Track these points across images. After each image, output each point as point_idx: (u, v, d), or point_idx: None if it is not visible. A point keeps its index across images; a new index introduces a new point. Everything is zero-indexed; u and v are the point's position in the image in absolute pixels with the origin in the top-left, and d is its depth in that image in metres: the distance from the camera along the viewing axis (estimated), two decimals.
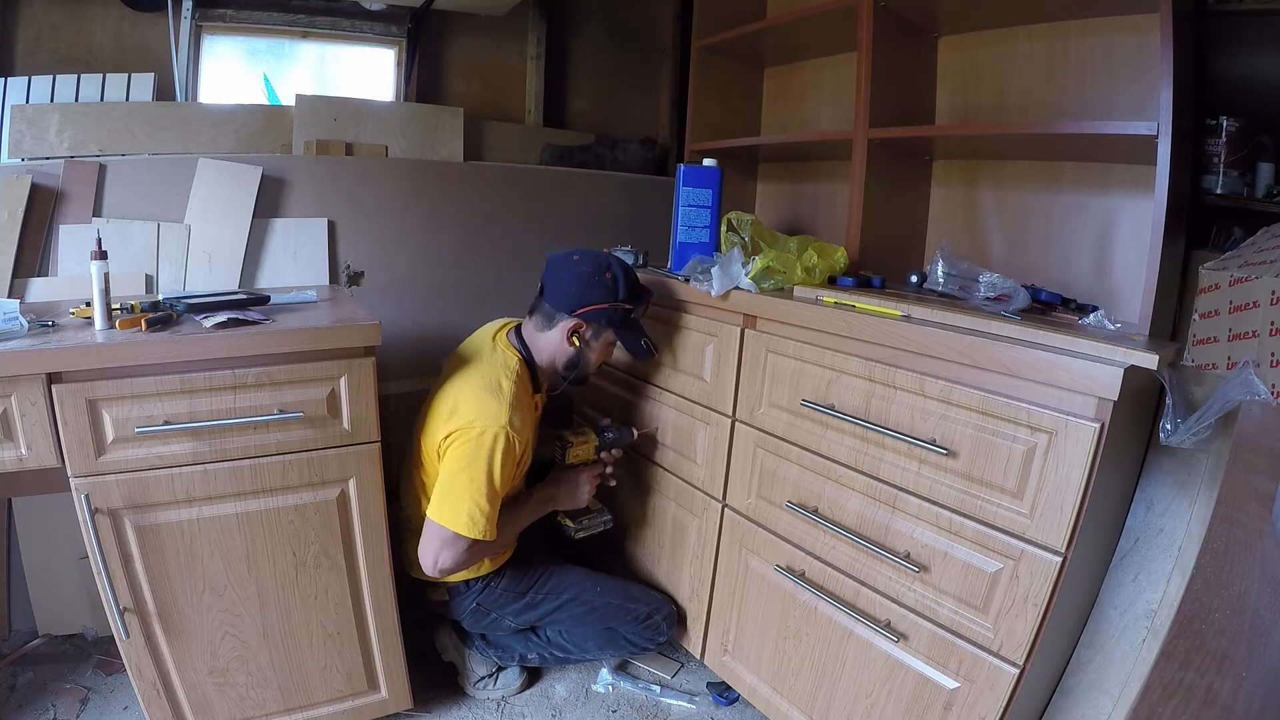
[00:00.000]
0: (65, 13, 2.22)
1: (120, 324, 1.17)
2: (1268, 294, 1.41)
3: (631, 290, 1.45)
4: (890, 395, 1.18)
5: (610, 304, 1.42)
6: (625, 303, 1.44)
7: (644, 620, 1.59)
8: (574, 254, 1.45)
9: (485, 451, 1.31)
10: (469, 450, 1.31)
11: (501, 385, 1.38)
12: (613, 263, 1.44)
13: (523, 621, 1.58)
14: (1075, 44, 1.45)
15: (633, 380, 1.75)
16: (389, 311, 1.93)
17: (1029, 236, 1.57)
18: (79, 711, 1.52)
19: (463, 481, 1.31)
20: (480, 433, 1.31)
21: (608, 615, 1.57)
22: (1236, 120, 1.73)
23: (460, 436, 1.33)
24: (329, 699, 1.41)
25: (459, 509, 1.31)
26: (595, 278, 1.41)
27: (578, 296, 1.41)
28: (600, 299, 1.41)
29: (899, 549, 1.17)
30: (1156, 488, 1.20)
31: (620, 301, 1.43)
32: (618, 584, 1.64)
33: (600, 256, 1.45)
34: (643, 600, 1.61)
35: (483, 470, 1.31)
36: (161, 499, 1.18)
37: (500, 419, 1.32)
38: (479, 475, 1.31)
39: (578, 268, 1.43)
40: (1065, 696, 1.21)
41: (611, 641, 1.61)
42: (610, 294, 1.42)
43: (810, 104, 2.04)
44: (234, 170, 2.15)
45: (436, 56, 2.79)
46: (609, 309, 1.42)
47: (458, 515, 1.31)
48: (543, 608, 1.56)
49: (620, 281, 1.43)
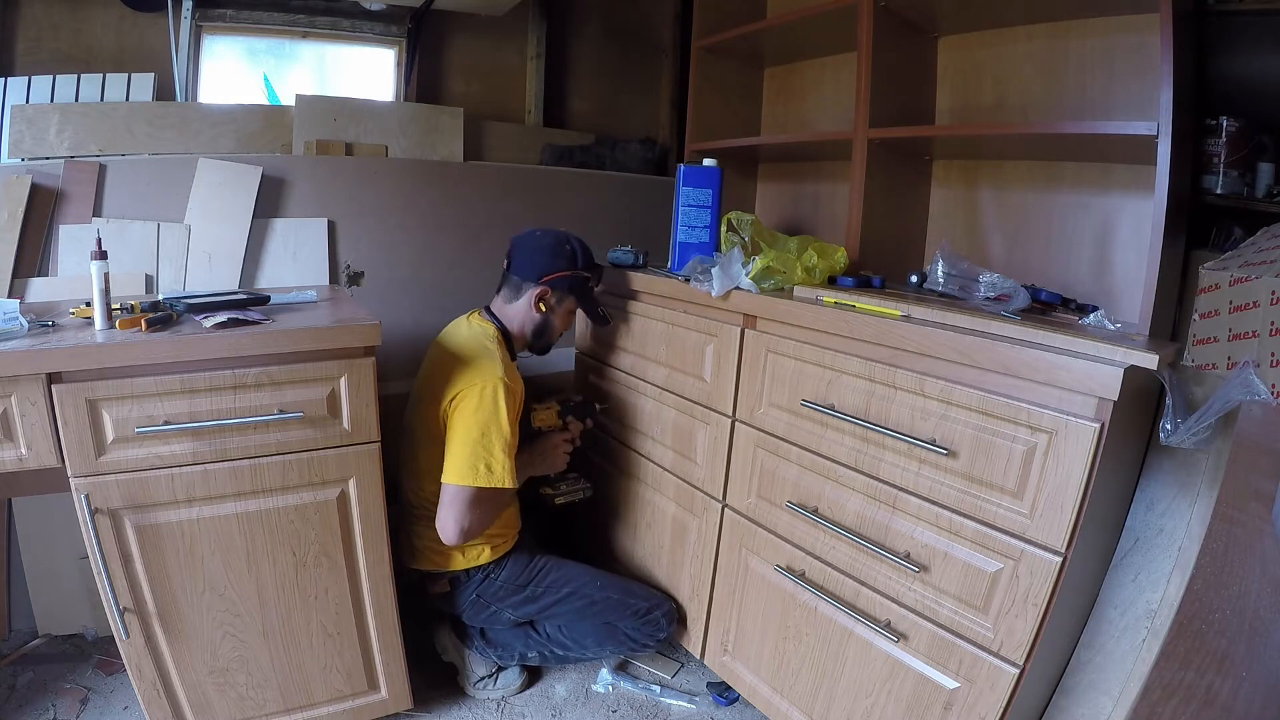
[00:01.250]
0: (65, 13, 2.22)
1: (120, 324, 1.17)
2: (1268, 294, 1.41)
3: (588, 261, 1.63)
4: (890, 395, 1.18)
5: (572, 271, 1.58)
6: (584, 271, 1.61)
7: (643, 616, 1.60)
8: (536, 231, 1.62)
9: (489, 404, 1.39)
10: (473, 406, 1.40)
11: (488, 347, 1.50)
12: (570, 237, 1.62)
13: (522, 615, 1.59)
14: (1075, 44, 1.45)
15: (633, 379, 1.76)
16: (389, 311, 1.93)
17: (1029, 236, 1.57)
18: (79, 711, 1.52)
19: (475, 437, 1.39)
20: (482, 388, 1.40)
21: (607, 610, 1.58)
22: (1236, 120, 1.73)
23: (463, 397, 1.41)
24: (329, 699, 1.41)
25: (476, 463, 1.38)
26: (557, 248, 1.58)
27: (543, 265, 1.57)
28: (563, 266, 1.57)
29: (899, 549, 1.17)
30: (1156, 488, 1.20)
31: (580, 269, 1.60)
32: (617, 580, 1.65)
33: (560, 232, 1.62)
34: (642, 596, 1.63)
35: (492, 421, 1.39)
36: (161, 499, 1.18)
37: (496, 372, 1.42)
38: (490, 427, 1.39)
39: (541, 241, 1.59)
40: (1065, 696, 1.21)
41: (611, 637, 1.61)
42: (571, 262, 1.59)
43: (810, 104, 2.04)
44: (234, 170, 2.15)
45: (436, 56, 2.79)
46: (571, 276, 1.58)
47: (475, 469, 1.38)
48: (543, 600, 1.57)
49: (579, 253, 1.61)
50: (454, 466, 1.40)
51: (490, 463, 1.39)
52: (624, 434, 1.80)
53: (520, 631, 1.63)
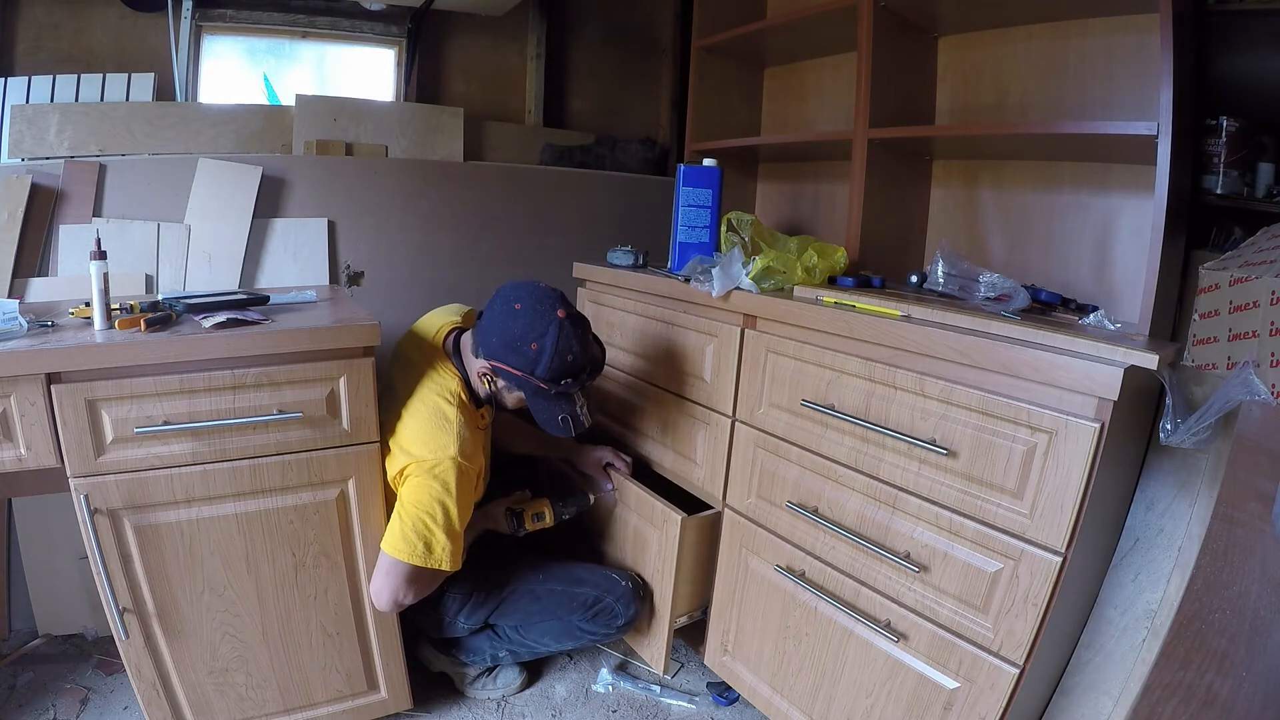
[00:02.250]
0: (65, 13, 2.22)
1: (120, 324, 1.17)
2: (1268, 294, 1.41)
3: (554, 374, 1.30)
4: (890, 395, 1.18)
5: (522, 374, 1.32)
6: (540, 381, 1.31)
7: (593, 606, 1.51)
8: (518, 302, 1.32)
9: (438, 485, 1.28)
10: (422, 483, 1.29)
11: (446, 414, 1.33)
12: (549, 334, 1.29)
13: (475, 621, 1.53)
14: (1075, 44, 1.45)
15: (633, 380, 1.75)
16: (389, 311, 1.92)
17: (1029, 236, 1.57)
18: (79, 711, 1.52)
19: (419, 514, 1.28)
20: (432, 466, 1.29)
21: (554, 605, 1.52)
22: (1236, 120, 1.73)
23: (414, 471, 1.30)
24: (329, 699, 1.41)
25: (415, 541, 1.28)
26: (519, 343, 1.30)
27: (494, 348, 1.33)
28: (514, 364, 1.31)
29: (899, 549, 1.17)
30: (1156, 488, 1.20)
31: (534, 378, 1.31)
32: (562, 568, 1.57)
33: (540, 321, 1.30)
34: (589, 583, 1.52)
35: (439, 502, 1.28)
36: (161, 499, 1.18)
37: (449, 450, 1.29)
38: (435, 509, 1.28)
39: (508, 321, 1.31)
40: (1065, 696, 1.21)
41: (568, 634, 1.54)
42: (527, 365, 1.30)
43: (810, 104, 2.04)
44: (234, 170, 2.15)
45: (436, 56, 2.79)
46: (520, 377, 1.32)
47: (414, 547, 1.28)
48: (489, 604, 1.52)
49: (544, 358, 1.29)
50: (393, 537, 1.29)
51: (431, 543, 1.28)
52: (623, 434, 1.80)
53: (483, 635, 1.59)
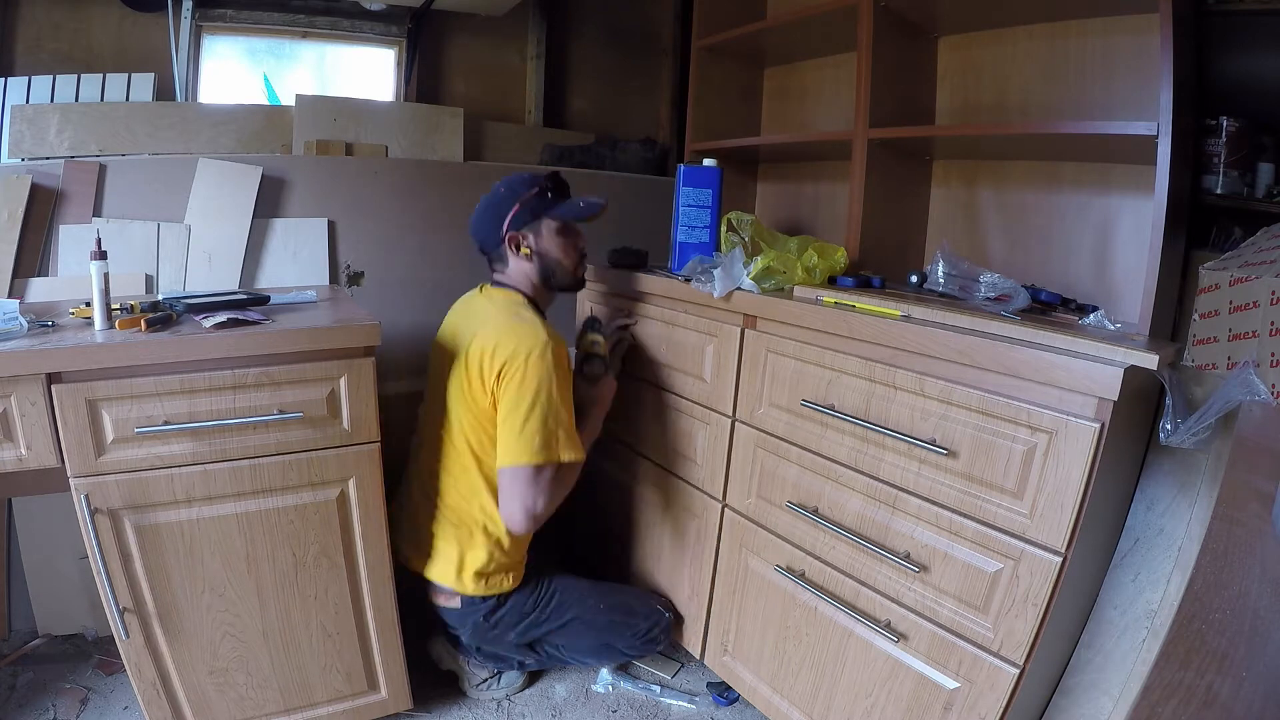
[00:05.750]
0: (65, 13, 2.22)
1: (120, 324, 1.17)
2: (1268, 294, 1.41)
3: (526, 183, 1.48)
4: (890, 395, 1.18)
5: (519, 201, 1.46)
6: (529, 190, 1.47)
7: (643, 635, 1.60)
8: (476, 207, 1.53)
9: (539, 371, 1.31)
10: (521, 378, 1.31)
11: (521, 312, 1.41)
12: (499, 184, 1.50)
13: (525, 639, 1.57)
14: (1075, 44, 1.45)
15: (633, 379, 1.75)
16: (389, 311, 1.93)
17: (1029, 236, 1.57)
18: (79, 711, 1.52)
19: (528, 410, 1.30)
20: (527, 355, 1.31)
21: (608, 632, 1.58)
22: (1236, 120, 1.72)
23: (510, 369, 1.32)
24: (329, 699, 1.41)
25: (533, 440, 1.30)
26: (491, 200, 1.49)
27: (491, 223, 1.47)
28: (507, 209, 1.46)
29: (899, 549, 1.17)
30: (1156, 488, 1.20)
31: (523, 194, 1.46)
32: (619, 599, 1.63)
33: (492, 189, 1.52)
34: (642, 614, 1.61)
35: (545, 389, 1.31)
36: (161, 499, 1.18)
37: (539, 336, 1.34)
38: (543, 396, 1.31)
39: (480, 211, 1.51)
40: (1065, 696, 1.21)
41: (607, 653, 1.63)
42: (511, 197, 1.46)
43: (810, 104, 2.04)
44: (234, 170, 2.15)
45: (436, 56, 2.79)
46: (519, 207, 1.46)
47: (533, 447, 1.30)
48: (546, 626, 1.55)
49: (516, 186, 1.47)
50: (510, 447, 1.31)
51: (549, 438, 1.29)
52: (624, 433, 1.80)
53: (520, 648, 1.61)
